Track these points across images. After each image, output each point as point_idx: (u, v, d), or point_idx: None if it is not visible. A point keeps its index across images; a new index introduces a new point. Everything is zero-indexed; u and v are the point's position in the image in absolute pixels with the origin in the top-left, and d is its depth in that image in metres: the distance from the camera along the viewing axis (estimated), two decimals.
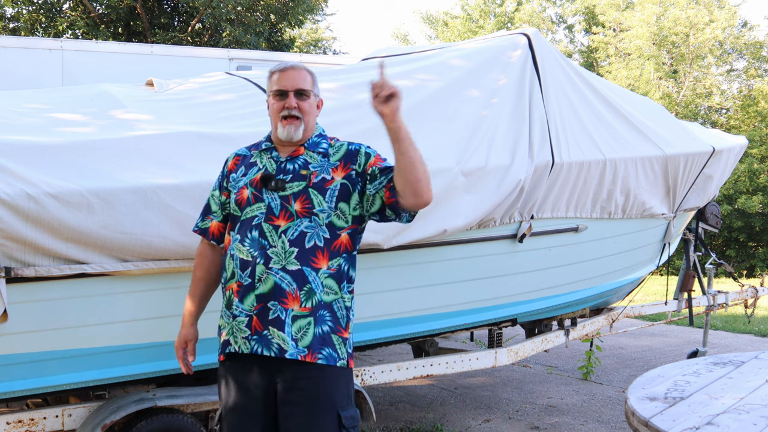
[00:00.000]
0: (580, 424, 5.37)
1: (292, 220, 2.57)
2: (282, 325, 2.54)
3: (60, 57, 6.12)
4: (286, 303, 2.54)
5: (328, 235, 2.59)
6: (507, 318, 4.94)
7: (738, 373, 3.40)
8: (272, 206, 2.60)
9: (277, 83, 2.70)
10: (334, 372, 2.57)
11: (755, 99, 26.33)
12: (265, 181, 2.63)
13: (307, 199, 2.59)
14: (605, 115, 5.23)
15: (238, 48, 13.16)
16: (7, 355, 3.09)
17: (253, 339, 2.56)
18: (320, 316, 2.56)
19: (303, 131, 2.67)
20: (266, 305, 2.55)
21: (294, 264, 2.54)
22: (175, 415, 3.49)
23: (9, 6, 14.37)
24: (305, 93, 2.69)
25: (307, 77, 2.71)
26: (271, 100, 2.72)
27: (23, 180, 2.95)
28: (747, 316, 7.70)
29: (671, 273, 13.63)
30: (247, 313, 2.57)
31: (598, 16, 29.73)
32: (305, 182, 2.61)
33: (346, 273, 2.64)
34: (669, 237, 6.21)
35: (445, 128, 4.24)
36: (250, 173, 2.70)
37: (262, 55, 7.37)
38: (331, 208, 2.60)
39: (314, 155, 2.68)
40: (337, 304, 2.61)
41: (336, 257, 2.61)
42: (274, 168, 2.67)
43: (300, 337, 2.54)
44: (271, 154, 2.72)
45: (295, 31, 20.46)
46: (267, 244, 2.56)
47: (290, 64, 2.74)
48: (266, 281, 2.54)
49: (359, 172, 2.65)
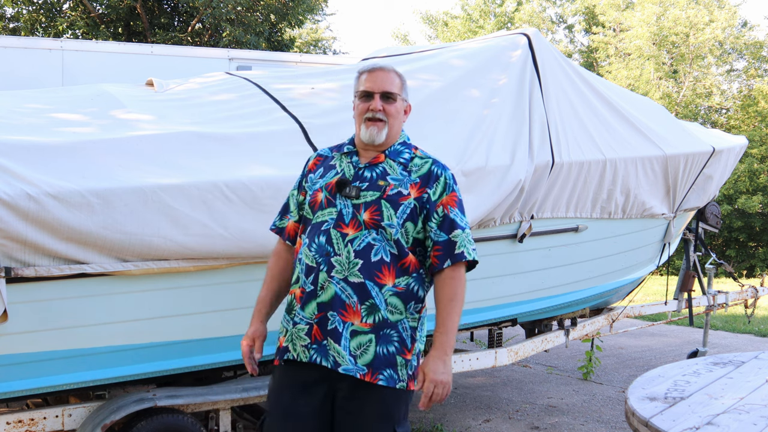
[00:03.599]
0: (580, 424, 5.37)
1: (360, 230, 2.50)
2: (339, 338, 2.47)
3: (60, 57, 6.12)
4: (345, 316, 2.48)
5: (395, 251, 2.51)
6: (507, 318, 4.94)
7: (738, 373, 3.40)
8: (343, 213, 2.52)
9: (364, 84, 2.61)
10: (394, 393, 2.51)
11: (755, 99, 26.33)
12: (340, 187, 2.55)
13: (377, 211, 2.51)
14: (605, 115, 5.23)
15: (238, 48, 13.16)
16: (7, 355, 3.08)
17: (312, 348, 2.51)
18: (385, 335, 2.50)
19: (386, 135, 2.59)
20: (326, 314, 2.49)
21: (357, 276, 2.47)
22: (175, 415, 3.48)
23: (9, 6, 14.37)
24: (392, 96, 2.60)
25: (395, 80, 2.62)
26: (357, 101, 2.63)
27: (23, 180, 2.95)
28: (747, 316, 7.70)
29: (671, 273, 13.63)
30: (308, 321, 2.52)
31: (598, 16, 29.73)
32: (380, 193, 2.53)
33: (414, 293, 2.56)
34: (669, 237, 6.21)
35: (445, 128, 4.24)
36: (328, 176, 2.63)
37: (262, 55, 7.37)
38: (399, 224, 2.51)
39: (394, 165, 2.60)
40: (402, 324, 2.53)
41: (404, 276, 2.53)
42: (351, 174, 2.59)
43: (360, 354, 2.48)
44: (351, 158, 2.63)
45: (295, 31, 20.46)
46: (332, 251, 2.49)
47: (379, 65, 2.65)
48: (327, 290, 2.48)
49: (431, 201, 2.56)
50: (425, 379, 2.44)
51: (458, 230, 2.55)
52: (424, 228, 2.56)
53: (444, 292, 2.53)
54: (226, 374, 4.06)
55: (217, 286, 3.50)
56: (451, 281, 2.53)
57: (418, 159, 2.63)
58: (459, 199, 2.61)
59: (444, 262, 2.53)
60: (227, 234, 3.35)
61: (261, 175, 3.46)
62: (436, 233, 2.54)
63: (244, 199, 3.38)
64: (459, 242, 2.54)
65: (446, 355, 2.47)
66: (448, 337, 2.48)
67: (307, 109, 4.00)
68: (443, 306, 2.52)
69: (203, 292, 3.48)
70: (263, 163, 3.54)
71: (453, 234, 2.54)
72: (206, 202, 3.30)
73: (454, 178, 2.63)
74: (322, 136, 3.80)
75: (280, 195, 3.47)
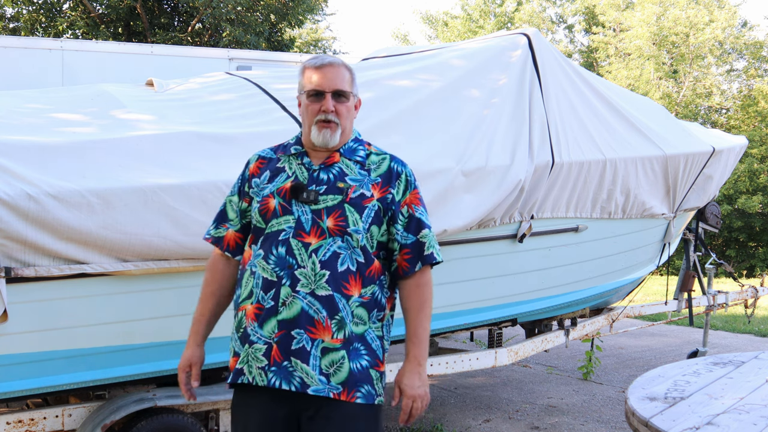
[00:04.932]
0: (580, 424, 5.37)
1: (324, 239, 2.29)
2: (306, 357, 2.25)
3: (60, 57, 6.11)
4: (314, 333, 2.26)
5: (362, 259, 2.33)
6: (507, 318, 4.94)
7: (738, 373, 3.40)
8: (302, 220, 2.31)
9: (312, 82, 2.38)
10: (372, 410, 2.35)
11: (755, 99, 26.34)
12: (295, 192, 2.33)
13: (341, 216, 2.31)
14: (605, 115, 5.23)
15: (238, 48, 13.16)
16: (7, 355, 3.08)
17: (270, 370, 2.27)
18: (354, 349, 2.30)
19: (339, 136, 2.39)
20: (289, 333, 2.26)
21: (324, 289, 2.26)
22: (175, 415, 3.48)
23: (9, 6, 14.37)
24: (344, 94, 2.39)
25: (345, 75, 2.41)
26: (305, 99, 2.41)
27: (23, 180, 2.95)
28: (747, 316, 7.70)
29: (671, 273, 13.63)
30: (266, 341, 2.28)
31: (598, 16, 29.73)
32: (342, 196, 2.33)
33: (378, 302, 2.37)
34: (669, 237, 6.21)
35: (445, 128, 4.24)
36: (278, 180, 2.39)
37: (262, 55, 7.37)
38: (365, 229, 2.33)
39: (351, 164, 2.40)
40: (369, 335, 2.34)
41: (370, 284, 2.34)
42: (305, 177, 2.37)
43: (333, 371, 2.27)
44: (302, 159, 2.42)
45: (295, 31, 20.46)
46: (295, 263, 2.27)
47: (327, 60, 2.42)
48: (291, 306, 2.26)
49: (395, 201, 2.39)
50: (402, 395, 2.34)
51: (425, 230, 2.40)
52: (389, 230, 2.39)
53: (413, 301, 2.39)
54: (226, 374, 4.05)
55: None
56: (418, 288, 2.39)
57: (374, 156, 2.45)
58: (421, 195, 2.46)
59: (415, 266, 2.38)
60: None
61: None
62: (403, 235, 2.38)
63: None
64: (428, 242, 2.40)
65: (420, 366, 2.36)
66: (420, 348, 2.36)
67: None
68: (414, 315, 2.38)
69: None
70: None
71: (421, 234, 2.39)
72: (206, 202, 3.30)
73: (413, 174, 2.47)
74: None
75: None
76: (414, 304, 2.39)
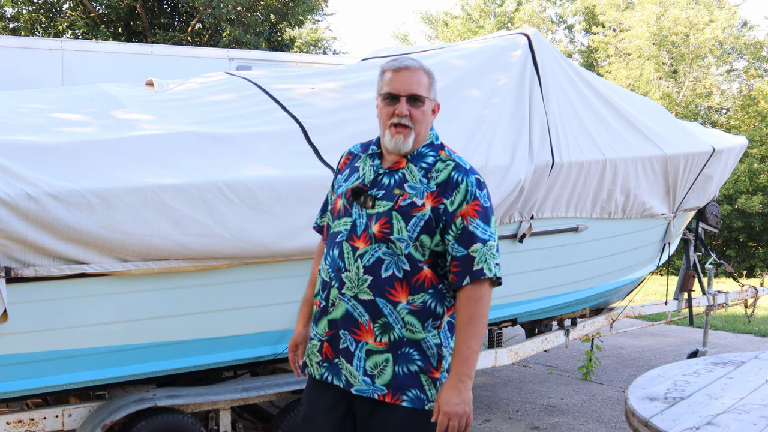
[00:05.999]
0: (580, 424, 5.37)
1: (370, 244, 2.32)
2: (351, 357, 2.34)
3: (60, 57, 6.12)
4: (359, 335, 2.33)
5: (407, 267, 2.32)
6: (507, 318, 4.94)
7: (738, 373, 3.40)
8: (357, 224, 2.36)
9: (389, 85, 2.38)
10: (417, 414, 2.33)
11: (755, 99, 26.33)
12: (356, 195, 2.38)
13: (387, 223, 2.31)
14: (605, 115, 5.23)
15: (238, 48, 13.16)
16: (7, 355, 3.09)
17: (323, 366, 2.40)
18: (403, 354, 2.32)
19: (413, 141, 2.38)
20: (337, 333, 2.36)
21: (366, 293, 2.31)
22: (175, 415, 3.48)
23: (9, 6, 14.37)
24: (420, 99, 2.37)
25: (423, 80, 2.39)
26: (380, 102, 2.41)
27: (23, 180, 2.95)
28: (747, 316, 7.69)
29: (671, 273, 13.63)
30: (320, 338, 2.41)
31: (598, 16, 29.72)
32: (392, 203, 2.34)
33: (432, 311, 2.35)
34: (669, 237, 6.21)
35: (445, 128, 4.23)
36: (350, 180, 2.46)
37: (262, 55, 7.38)
38: (411, 238, 2.31)
39: (415, 171, 2.38)
40: (425, 342, 2.34)
41: (420, 292, 2.33)
42: (371, 179, 2.41)
43: (377, 374, 2.32)
44: (374, 161, 2.45)
45: (295, 31, 20.46)
46: (343, 266, 2.35)
47: (405, 63, 2.40)
48: (338, 307, 2.35)
49: (448, 212, 2.33)
50: (439, 411, 2.27)
51: (478, 244, 2.31)
52: (443, 240, 2.34)
53: (461, 314, 2.32)
54: (226, 374, 4.06)
55: (217, 286, 3.50)
56: (468, 302, 2.31)
57: (441, 163, 2.40)
58: (484, 207, 2.35)
59: (462, 280, 2.31)
60: (227, 234, 3.35)
61: (261, 175, 3.46)
62: (454, 247, 2.32)
63: (244, 199, 3.38)
64: (478, 257, 2.31)
65: (461, 383, 2.26)
66: (464, 365, 2.27)
67: (307, 109, 4.00)
68: (460, 329, 2.31)
69: (203, 292, 3.48)
70: (263, 163, 3.54)
71: (472, 248, 2.30)
72: (206, 202, 3.30)
73: (479, 183, 2.37)
74: (322, 136, 3.80)
75: (280, 195, 3.47)
76: (461, 318, 2.33)
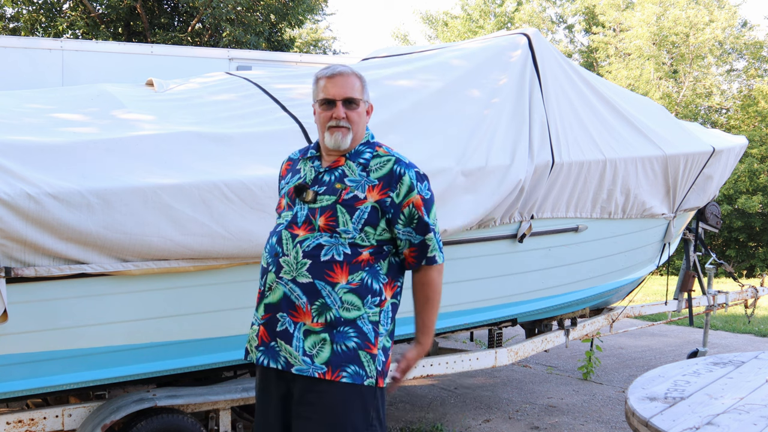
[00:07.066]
0: (580, 424, 5.37)
1: (312, 233, 2.46)
2: (290, 338, 2.44)
3: (60, 57, 6.11)
4: (296, 316, 2.44)
5: (349, 251, 2.46)
6: (507, 318, 4.94)
7: (738, 373, 3.40)
8: (298, 215, 2.51)
9: (324, 91, 2.55)
10: (356, 390, 2.43)
11: (755, 99, 26.34)
12: (298, 191, 2.54)
13: (332, 216, 2.47)
14: (605, 115, 5.23)
15: (238, 48, 13.16)
16: (7, 355, 3.09)
17: (259, 350, 2.50)
18: (340, 332, 2.43)
19: (351, 140, 2.54)
20: (274, 316, 2.47)
21: (305, 276, 2.43)
22: (175, 415, 3.49)
23: (9, 6, 14.37)
24: (355, 101, 2.54)
25: (355, 84, 2.56)
26: (318, 108, 2.58)
27: (23, 180, 2.95)
28: (747, 316, 7.69)
29: (671, 273, 13.63)
30: (259, 323, 2.51)
31: (598, 16, 29.73)
32: (335, 197, 2.48)
33: (369, 287, 2.49)
34: (669, 237, 6.21)
35: (445, 128, 4.24)
36: (292, 181, 2.62)
37: (262, 55, 7.37)
38: (356, 230, 2.46)
39: (354, 166, 2.54)
40: (361, 320, 2.46)
41: (357, 271, 2.47)
42: (312, 178, 2.56)
43: (316, 353, 2.42)
44: (314, 162, 2.61)
45: (295, 31, 20.47)
46: (281, 251, 2.48)
47: (338, 70, 2.57)
48: (275, 291, 2.47)
49: (395, 204, 2.50)
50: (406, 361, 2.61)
51: (430, 233, 2.55)
52: (391, 230, 2.52)
53: (419, 296, 2.61)
54: (226, 374, 4.06)
55: (217, 286, 3.50)
56: (423, 286, 2.60)
57: (378, 158, 2.56)
58: (427, 197, 2.55)
59: (419, 264, 2.58)
60: (227, 234, 3.35)
61: (261, 175, 3.46)
62: (408, 234, 2.53)
63: (244, 199, 3.38)
64: (432, 245, 2.56)
65: (423, 348, 2.63)
66: (427, 336, 2.62)
67: (307, 109, 3.99)
68: (420, 309, 2.62)
69: (203, 292, 3.48)
70: (263, 163, 3.54)
71: (427, 237, 2.55)
72: (206, 202, 3.30)
73: (419, 175, 2.55)
74: None
75: None
76: (419, 299, 2.62)
